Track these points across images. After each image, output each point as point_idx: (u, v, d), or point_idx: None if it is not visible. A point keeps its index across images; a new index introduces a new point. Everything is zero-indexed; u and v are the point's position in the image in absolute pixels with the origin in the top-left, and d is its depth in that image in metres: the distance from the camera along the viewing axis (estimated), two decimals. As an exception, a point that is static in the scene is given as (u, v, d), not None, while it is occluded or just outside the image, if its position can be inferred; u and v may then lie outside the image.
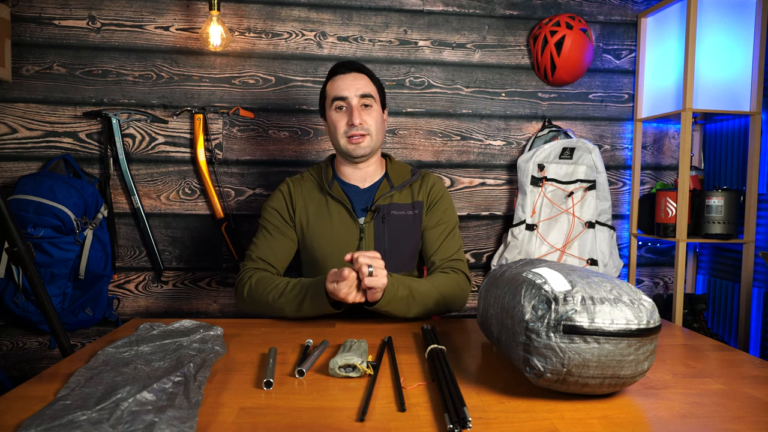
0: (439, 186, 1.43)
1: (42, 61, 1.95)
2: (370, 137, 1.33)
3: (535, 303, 0.74)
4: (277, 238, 1.35)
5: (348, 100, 1.32)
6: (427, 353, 0.91)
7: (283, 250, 1.35)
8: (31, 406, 0.70)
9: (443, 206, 1.41)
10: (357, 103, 1.32)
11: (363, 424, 0.67)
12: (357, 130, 1.31)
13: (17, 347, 1.99)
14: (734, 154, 2.17)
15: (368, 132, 1.33)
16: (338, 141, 1.34)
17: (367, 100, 1.33)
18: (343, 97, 1.32)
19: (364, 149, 1.33)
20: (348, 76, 1.33)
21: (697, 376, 0.87)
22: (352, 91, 1.32)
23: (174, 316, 2.07)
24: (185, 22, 2.01)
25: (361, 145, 1.32)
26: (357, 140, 1.32)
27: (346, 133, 1.32)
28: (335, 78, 1.35)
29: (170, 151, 2.03)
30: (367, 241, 1.34)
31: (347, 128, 1.32)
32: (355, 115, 1.30)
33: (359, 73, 1.35)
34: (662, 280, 2.36)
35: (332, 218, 1.35)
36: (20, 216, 1.72)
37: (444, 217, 1.40)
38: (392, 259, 1.34)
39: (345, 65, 1.36)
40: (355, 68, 1.35)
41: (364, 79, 1.34)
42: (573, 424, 0.68)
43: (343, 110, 1.33)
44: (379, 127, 1.35)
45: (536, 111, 2.22)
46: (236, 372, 0.86)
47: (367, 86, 1.34)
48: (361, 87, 1.33)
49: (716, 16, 1.99)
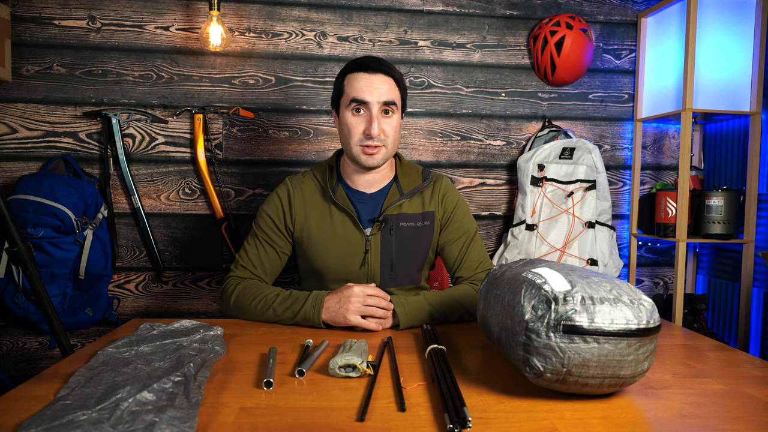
0: (452, 193, 1.35)
1: (42, 61, 1.95)
2: (386, 148, 1.22)
3: (535, 303, 0.74)
4: (268, 250, 1.28)
5: (369, 105, 1.19)
6: (427, 353, 0.91)
7: (273, 263, 1.29)
8: (31, 406, 0.70)
9: (460, 215, 1.33)
10: (378, 110, 1.19)
11: (363, 424, 0.67)
12: (374, 142, 1.19)
13: (17, 347, 1.99)
14: (734, 154, 2.17)
15: (384, 143, 1.21)
16: (350, 147, 1.22)
17: (389, 107, 1.21)
18: (364, 101, 1.19)
19: (377, 161, 1.22)
20: (374, 77, 1.20)
21: (697, 376, 0.87)
22: (375, 96, 1.19)
23: (174, 316, 2.07)
24: (185, 22, 2.01)
25: (375, 156, 1.21)
26: (371, 151, 1.20)
27: (360, 142, 1.20)
28: (358, 75, 1.20)
29: (170, 151, 2.03)
30: (373, 254, 1.26)
31: (363, 137, 1.20)
32: (374, 125, 1.18)
33: (386, 76, 1.21)
34: (662, 280, 2.36)
35: (335, 228, 1.26)
36: (20, 216, 1.72)
37: (462, 227, 1.33)
38: (399, 272, 1.29)
39: (372, 63, 1.21)
40: (383, 69, 1.21)
41: (390, 83, 1.21)
42: (573, 424, 0.68)
43: (362, 114, 1.21)
44: (396, 137, 1.24)
45: (536, 111, 2.22)
46: (236, 372, 0.86)
47: (392, 92, 1.21)
48: (385, 93, 1.20)
49: (716, 16, 1.99)
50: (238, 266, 1.28)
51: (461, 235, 1.33)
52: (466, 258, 1.32)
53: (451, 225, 1.33)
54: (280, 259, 1.31)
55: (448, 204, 1.33)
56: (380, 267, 1.27)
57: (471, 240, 1.34)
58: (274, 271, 1.31)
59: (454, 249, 1.32)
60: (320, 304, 1.11)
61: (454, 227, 1.33)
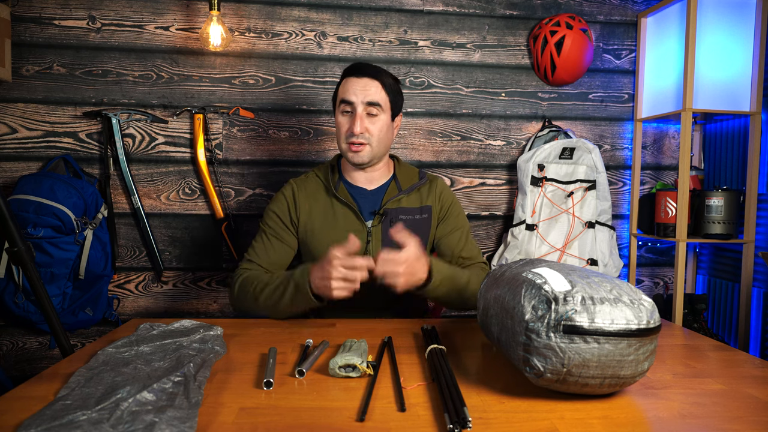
0: (448, 191, 1.43)
1: (42, 61, 1.95)
2: (370, 147, 1.30)
3: (535, 303, 0.74)
4: (274, 243, 1.34)
5: (354, 105, 1.28)
6: (427, 353, 0.91)
7: (280, 256, 1.34)
8: (31, 406, 0.70)
9: (455, 211, 1.42)
10: (362, 110, 1.28)
11: (363, 424, 0.67)
12: (357, 139, 1.28)
13: (17, 347, 1.99)
14: (734, 154, 2.17)
15: (368, 141, 1.29)
16: (340, 144, 1.33)
17: (373, 108, 1.29)
18: (349, 101, 1.29)
19: (362, 158, 1.31)
20: (359, 80, 1.29)
21: (697, 376, 0.87)
22: (359, 97, 1.28)
23: (174, 316, 2.07)
24: (185, 22, 2.01)
25: (359, 153, 1.30)
26: (356, 148, 1.29)
27: (347, 139, 1.30)
28: (347, 80, 1.31)
29: (170, 151, 2.03)
30: (375, 245, 1.33)
31: (348, 134, 1.29)
32: (356, 123, 1.27)
33: (372, 80, 1.30)
34: (662, 280, 2.36)
35: (338, 221, 1.33)
36: (20, 216, 1.72)
37: (458, 222, 1.41)
38: None
39: (359, 69, 1.31)
40: (369, 73, 1.30)
41: (375, 86, 1.29)
42: (573, 424, 0.68)
43: (348, 115, 1.30)
44: (382, 137, 1.31)
45: (536, 111, 2.22)
46: (236, 372, 0.86)
47: (377, 94, 1.29)
48: (370, 94, 1.28)
49: (716, 16, 1.99)
50: (247, 261, 1.33)
51: (457, 228, 1.41)
52: (465, 248, 1.40)
53: (448, 219, 1.41)
54: (285, 253, 1.35)
55: (445, 200, 1.41)
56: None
57: (467, 235, 1.42)
58: (281, 263, 1.35)
59: (451, 241, 1.40)
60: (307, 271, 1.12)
61: (452, 220, 1.41)
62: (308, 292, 1.10)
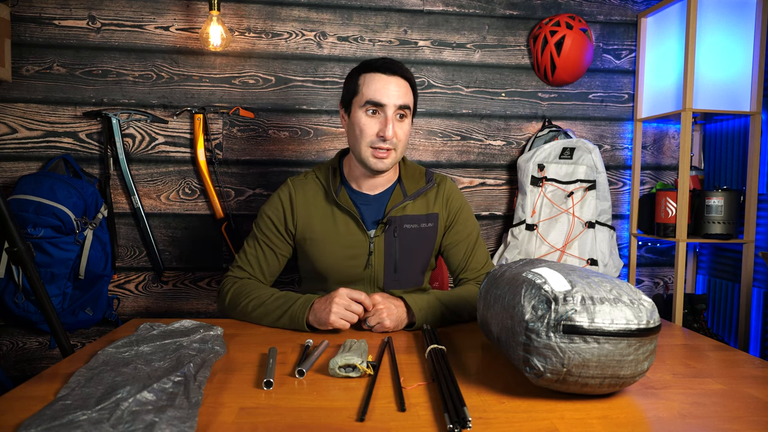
0: (457, 195, 1.34)
1: (42, 61, 1.95)
2: (395, 152, 1.21)
3: (535, 303, 0.74)
4: (267, 253, 1.27)
5: (385, 108, 1.17)
6: (427, 353, 0.91)
7: (272, 265, 1.29)
8: (31, 406, 0.70)
9: (464, 218, 1.33)
10: (393, 113, 1.18)
11: (363, 424, 0.67)
12: (386, 144, 1.18)
13: (17, 347, 1.99)
14: (734, 154, 2.17)
15: (395, 147, 1.20)
16: (360, 148, 1.20)
17: (404, 111, 1.19)
18: (380, 103, 1.17)
19: (386, 164, 1.21)
20: (392, 79, 1.18)
21: (697, 376, 0.87)
22: (392, 98, 1.17)
23: (174, 316, 2.07)
24: (185, 22, 2.01)
25: (385, 160, 1.20)
26: (382, 155, 1.19)
27: (372, 144, 1.18)
28: (376, 77, 1.18)
29: (170, 151, 2.03)
30: (377, 256, 1.26)
31: (375, 139, 1.18)
32: (388, 128, 1.16)
33: (403, 79, 1.20)
34: (662, 280, 2.36)
35: (339, 230, 1.25)
36: (20, 216, 1.72)
37: (467, 229, 1.33)
38: (403, 274, 1.28)
39: (390, 66, 1.19)
40: (401, 73, 1.20)
41: (406, 87, 1.20)
42: (573, 424, 0.68)
43: (376, 116, 1.18)
44: (406, 141, 1.23)
45: (536, 111, 2.22)
46: (236, 372, 0.86)
47: (407, 95, 1.20)
48: (402, 96, 1.18)
49: (716, 16, 1.99)
50: (237, 266, 1.28)
51: (465, 237, 1.33)
52: (471, 260, 1.33)
53: (455, 227, 1.33)
54: (278, 262, 1.30)
55: (453, 206, 1.33)
56: (384, 269, 1.27)
57: (475, 242, 1.34)
58: (272, 273, 1.30)
59: (458, 251, 1.33)
60: (309, 305, 1.10)
61: (459, 229, 1.33)
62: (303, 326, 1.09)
